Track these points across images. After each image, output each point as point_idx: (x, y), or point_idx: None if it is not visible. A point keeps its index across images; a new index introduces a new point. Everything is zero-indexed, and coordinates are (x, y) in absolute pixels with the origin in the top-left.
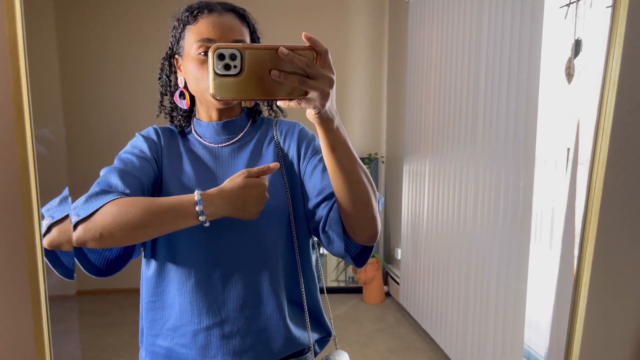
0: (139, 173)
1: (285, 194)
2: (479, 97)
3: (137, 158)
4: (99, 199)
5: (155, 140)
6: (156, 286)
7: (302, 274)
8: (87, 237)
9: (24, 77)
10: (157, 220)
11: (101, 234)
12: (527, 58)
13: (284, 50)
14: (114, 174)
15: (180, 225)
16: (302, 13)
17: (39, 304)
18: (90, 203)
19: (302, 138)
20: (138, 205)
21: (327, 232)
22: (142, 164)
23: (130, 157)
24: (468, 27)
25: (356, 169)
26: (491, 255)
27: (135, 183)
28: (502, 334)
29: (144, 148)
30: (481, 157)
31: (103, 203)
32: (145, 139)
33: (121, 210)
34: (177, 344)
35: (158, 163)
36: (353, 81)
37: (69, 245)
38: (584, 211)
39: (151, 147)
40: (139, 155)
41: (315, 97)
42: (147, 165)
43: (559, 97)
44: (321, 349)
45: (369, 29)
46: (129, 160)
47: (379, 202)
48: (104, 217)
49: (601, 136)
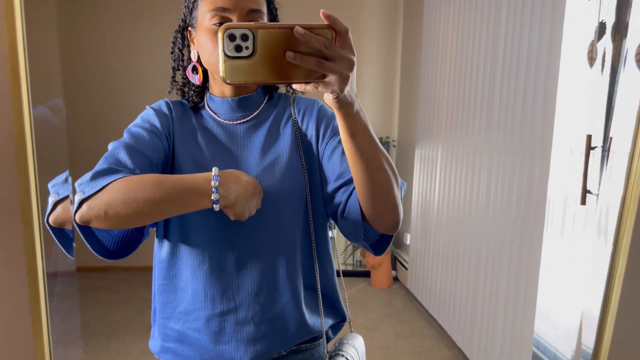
0: (148, 150)
1: (303, 176)
2: (496, 81)
3: (147, 133)
4: (105, 177)
5: (167, 114)
6: (169, 269)
7: (319, 259)
8: (91, 215)
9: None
10: (166, 198)
11: (106, 212)
12: (547, 42)
13: (299, 29)
14: (123, 151)
15: (189, 205)
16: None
17: (37, 284)
18: (97, 181)
19: (321, 117)
20: (147, 182)
21: (346, 218)
22: (153, 139)
23: (141, 131)
24: (486, 9)
25: (377, 155)
26: (503, 242)
27: (145, 161)
28: (511, 323)
29: (155, 122)
30: (496, 143)
31: (110, 181)
32: (157, 112)
33: (129, 188)
34: (190, 328)
35: (169, 139)
36: (366, 63)
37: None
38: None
39: (163, 122)
40: (149, 129)
41: (333, 81)
42: (158, 141)
43: (580, 82)
44: (335, 334)
45: (383, 9)
46: (139, 134)
47: (402, 188)
48: (111, 194)
49: None
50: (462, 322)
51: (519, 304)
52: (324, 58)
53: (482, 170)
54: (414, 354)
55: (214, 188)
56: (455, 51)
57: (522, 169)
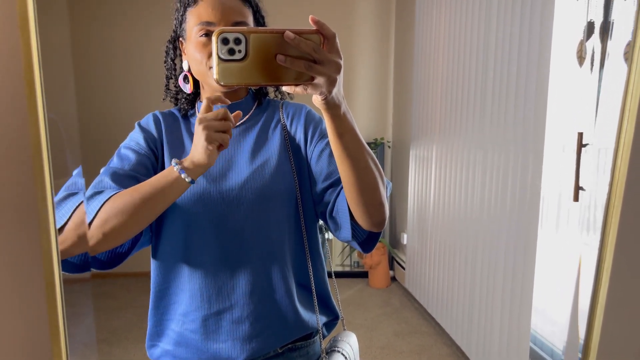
0: (134, 170)
1: (293, 177)
2: (488, 80)
3: (133, 153)
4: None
5: (153, 130)
6: (166, 273)
7: (310, 258)
8: (94, 244)
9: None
10: (147, 197)
11: (103, 233)
12: (537, 41)
13: (290, 34)
14: (108, 177)
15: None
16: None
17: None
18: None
19: (309, 121)
20: (123, 193)
21: (335, 217)
22: (139, 158)
23: (127, 152)
24: (477, 9)
25: (363, 155)
26: (498, 240)
27: (130, 182)
28: (508, 319)
29: (140, 140)
30: (489, 142)
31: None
32: (142, 129)
33: (113, 204)
34: (187, 330)
35: (157, 153)
36: (359, 65)
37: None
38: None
39: (148, 138)
40: (134, 149)
41: (321, 83)
42: (145, 159)
43: (570, 80)
44: (329, 332)
45: (376, 11)
46: (126, 156)
47: (387, 187)
48: (101, 216)
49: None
50: (460, 320)
51: (516, 300)
52: (313, 61)
53: (476, 169)
54: (413, 352)
55: (179, 170)
56: (447, 51)
57: (516, 167)
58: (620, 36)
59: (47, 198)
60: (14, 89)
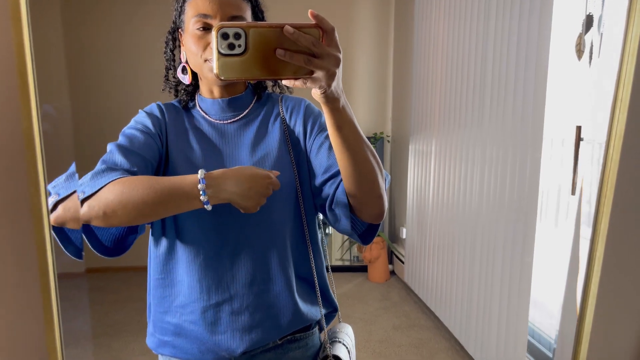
0: (143, 150)
1: (292, 170)
2: (487, 74)
3: (141, 133)
4: (104, 177)
5: (158, 116)
6: (164, 264)
7: (311, 250)
8: (91, 215)
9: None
10: (159, 200)
11: (104, 211)
12: (536, 35)
13: (289, 28)
14: (118, 152)
15: (182, 206)
16: None
17: (48, 280)
18: (96, 180)
19: (308, 114)
20: (141, 184)
21: (334, 210)
22: (147, 139)
23: (134, 132)
24: (476, 3)
25: (362, 147)
26: (497, 234)
27: (140, 161)
28: (506, 312)
29: (148, 124)
30: (488, 136)
31: (108, 181)
32: (149, 115)
33: (124, 189)
34: (186, 321)
35: (162, 139)
36: (359, 59)
37: (73, 222)
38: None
39: (155, 123)
40: (142, 130)
41: (321, 77)
42: (152, 141)
43: (569, 74)
44: (327, 324)
45: (376, 6)
46: (133, 136)
47: (386, 180)
48: (108, 195)
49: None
50: (459, 313)
51: (514, 294)
52: (312, 55)
53: (475, 163)
54: (412, 345)
55: (201, 191)
56: (446, 46)
57: (515, 161)
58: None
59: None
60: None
